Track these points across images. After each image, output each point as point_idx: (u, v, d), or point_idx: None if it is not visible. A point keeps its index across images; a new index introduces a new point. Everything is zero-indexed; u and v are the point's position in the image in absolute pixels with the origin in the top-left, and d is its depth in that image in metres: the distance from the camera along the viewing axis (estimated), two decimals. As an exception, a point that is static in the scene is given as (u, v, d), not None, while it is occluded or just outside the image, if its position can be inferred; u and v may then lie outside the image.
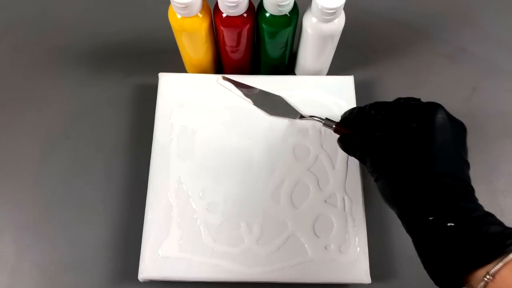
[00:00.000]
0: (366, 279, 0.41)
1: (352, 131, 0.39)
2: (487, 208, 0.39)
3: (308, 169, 0.45)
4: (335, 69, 0.52)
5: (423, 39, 0.56)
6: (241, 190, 0.44)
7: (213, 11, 0.43)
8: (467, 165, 0.33)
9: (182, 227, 0.43)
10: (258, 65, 0.52)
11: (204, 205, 0.44)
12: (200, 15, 0.42)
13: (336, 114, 0.47)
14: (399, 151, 0.32)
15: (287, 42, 0.46)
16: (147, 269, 0.41)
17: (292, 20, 0.42)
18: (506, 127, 0.51)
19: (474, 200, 0.31)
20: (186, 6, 0.39)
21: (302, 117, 0.45)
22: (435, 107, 0.33)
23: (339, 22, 0.42)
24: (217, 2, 0.41)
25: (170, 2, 0.41)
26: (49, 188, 0.48)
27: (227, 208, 0.43)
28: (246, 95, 0.47)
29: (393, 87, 0.53)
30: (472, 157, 0.49)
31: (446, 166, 0.31)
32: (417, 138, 0.32)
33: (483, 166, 0.49)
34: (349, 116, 0.38)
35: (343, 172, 0.45)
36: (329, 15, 0.40)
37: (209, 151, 0.46)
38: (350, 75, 0.49)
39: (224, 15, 0.41)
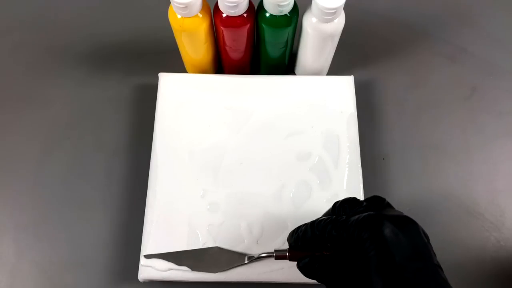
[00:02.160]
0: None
1: (307, 252, 0.35)
2: (487, 208, 0.39)
3: (309, 169, 0.45)
4: (335, 69, 0.52)
5: (423, 39, 0.56)
6: (242, 190, 0.44)
7: (213, 11, 0.43)
8: (439, 270, 0.30)
9: (182, 227, 0.43)
10: (258, 65, 0.52)
11: (205, 205, 0.44)
12: (200, 15, 0.42)
13: (336, 114, 0.47)
14: (367, 280, 0.30)
15: (287, 42, 0.46)
16: (147, 269, 0.41)
17: (292, 20, 0.42)
18: (506, 127, 0.51)
19: None
20: (186, 6, 0.39)
21: (250, 258, 0.41)
22: (378, 221, 0.30)
23: (339, 22, 0.42)
24: (217, 2, 0.41)
25: (170, 2, 0.41)
26: (49, 188, 0.48)
27: (228, 208, 0.43)
28: (179, 263, 0.41)
29: (393, 87, 0.53)
30: (472, 157, 0.50)
31: (419, 286, 0.28)
32: (378, 263, 0.29)
33: (483, 166, 0.49)
34: (295, 241, 0.35)
35: (344, 172, 0.45)
36: (329, 15, 0.40)
37: (209, 151, 0.46)
38: (350, 75, 0.49)
39: (224, 15, 0.41)
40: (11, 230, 0.46)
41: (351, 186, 0.44)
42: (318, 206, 0.43)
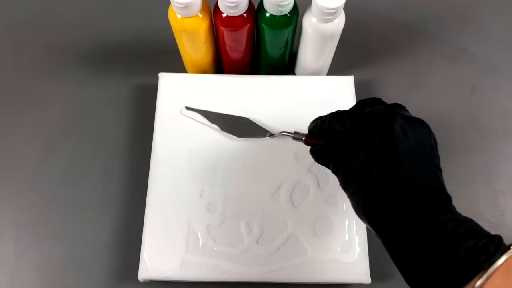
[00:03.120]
0: (366, 279, 0.41)
1: (323, 141, 0.37)
2: (487, 208, 0.39)
3: (308, 169, 0.45)
4: (335, 69, 0.52)
5: (423, 39, 0.56)
6: (241, 190, 0.44)
7: (213, 11, 0.43)
8: (438, 170, 0.31)
9: (182, 227, 0.43)
10: (258, 65, 0.52)
11: (204, 205, 0.44)
12: (200, 15, 0.42)
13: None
14: (365, 166, 0.31)
15: (287, 42, 0.46)
16: (147, 269, 0.41)
17: (292, 20, 0.42)
18: (506, 127, 0.51)
19: (447, 210, 0.29)
20: (186, 6, 0.39)
21: (271, 135, 0.45)
22: (391, 116, 0.31)
23: (339, 22, 0.42)
24: (217, 2, 0.41)
25: (170, 2, 0.41)
26: (49, 188, 0.48)
27: (227, 208, 0.43)
28: (212, 121, 0.46)
29: (393, 87, 0.53)
30: (472, 157, 0.50)
31: (413, 179, 0.30)
32: (379, 152, 0.31)
33: (483, 166, 0.49)
34: (313, 128, 0.37)
35: (343, 172, 0.45)
36: (329, 15, 0.40)
37: (209, 151, 0.46)
38: (350, 75, 0.49)
39: (224, 15, 0.41)
40: (11, 230, 0.46)
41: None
42: (317, 206, 0.44)
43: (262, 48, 0.47)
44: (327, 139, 0.37)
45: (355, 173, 0.32)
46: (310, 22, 0.42)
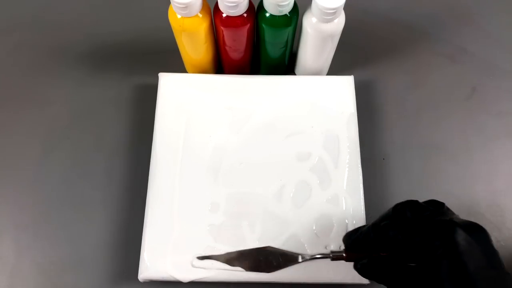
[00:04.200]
0: (366, 279, 0.41)
1: (365, 253, 0.35)
2: (487, 208, 0.39)
3: (309, 169, 0.45)
4: (335, 69, 0.52)
5: (423, 39, 0.56)
6: (242, 190, 0.44)
7: (213, 11, 0.43)
8: (508, 277, 0.30)
9: (183, 227, 0.43)
10: (258, 65, 0.52)
11: (205, 205, 0.43)
12: (200, 15, 0.42)
13: (336, 114, 0.47)
14: (437, 286, 0.29)
15: (287, 42, 0.46)
16: (147, 269, 0.41)
17: (292, 20, 0.42)
18: (506, 127, 0.51)
19: None
20: (186, 6, 0.39)
21: (304, 259, 0.38)
22: (451, 229, 0.29)
23: (339, 22, 0.42)
24: (217, 2, 0.41)
25: (170, 2, 0.41)
26: (49, 188, 0.48)
27: (228, 208, 0.43)
28: (233, 264, 0.40)
29: (393, 87, 0.53)
30: (472, 157, 0.50)
31: None
32: (451, 271, 0.29)
33: (483, 166, 0.49)
34: (354, 243, 0.35)
35: (344, 172, 0.45)
36: (329, 15, 0.40)
37: (209, 151, 0.46)
38: (350, 75, 0.49)
39: (224, 15, 0.41)
40: (11, 230, 0.46)
41: (351, 186, 0.44)
42: (318, 206, 0.44)
43: (262, 48, 0.47)
44: (370, 251, 0.34)
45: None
46: (310, 22, 0.42)
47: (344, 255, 0.35)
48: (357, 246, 0.34)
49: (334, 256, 0.36)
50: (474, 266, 0.28)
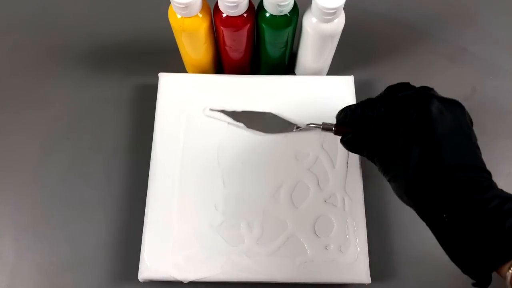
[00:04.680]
0: (366, 279, 0.41)
1: (352, 129, 0.38)
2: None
3: (308, 169, 0.45)
4: (335, 69, 0.52)
5: (423, 39, 0.56)
6: (242, 190, 0.44)
7: (213, 11, 0.43)
8: (476, 149, 0.32)
9: (182, 227, 0.43)
10: (258, 65, 0.52)
11: (205, 204, 0.43)
12: (200, 15, 0.42)
13: (335, 114, 0.47)
14: (405, 149, 0.32)
15: (287, 42, 0.46)
16: (147, 269, 0.41)
17: (292, 20, 0.42)
18: (506, 127, 0.51)
19: (490, 186, 0.30)
20: (186, 6, 0.39)
21: (298, 127, 0.45)
22: (426, 98, 0.32)
23: (339, 22, 0.42)
24: (217, 2, 0.41)
25: (170, 2, 0.41)
26: (49, 188, 0.48)
27: (228, 208, 0.43)
28: (237, 119, 0.46)
29: (393, 87, 0.53)
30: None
31: (454, 158, 0.30)
32: (418, 133, 0.31)
33: (483, 166, 0.49)
34: (343, 117, 0.38)
35: (343, 172, 0.45)
36: (329, 15, 0.40)
37: (209, 151, 0.46)
38: (350, 75, 0.49)
39: (224, 15, 0.41)
40: (11, 230, 0.46)
41: (351, 186, 0.44)
42: (317, 206, 0.44)
43: (262, 48, 0.47)
44: (357, 127, 0.37)
45: (394, 157, 0.32)
46: (310, 22, 0.42)
47: (333, 128, 0.40)
48: (346, 120, 0.37)
49: (325, 127, 0.40)
50: (442, 130, 0.31)
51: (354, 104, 0.37)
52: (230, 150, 0.46)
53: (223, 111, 0.47)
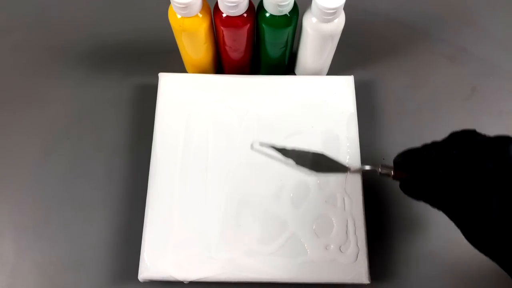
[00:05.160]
0: (366, 279, 0.41)
1: (410, 173, 0.35)
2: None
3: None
4: (335, 69, 0.52)
5: (423, 39, 0.56)
6: (242, 190, 0.44)
7: (213, 11, 0.43)
8: None
9: (182, 227, 0.43)
10: (258, 65, 0.52)
11: (205, 204, 0.43)
12: (200, 15, 0.42)
13: (336, 114, 0.47)
14: (485, 197, 0.28)
15: (287, 42, 0.46)
16: (147, 269, 0.41)
17: (292, 20, 0.42)
18: (506, 127, 0.51)
19: None
20: (186, 6, 0.39)
21: (353, 169, 0.43)
22: (506, 142, 0.29)
23: (339, 22, 0.42)
24: (217, 2, 0.41)
25: (170, 2, 0.41)
26: (49, 188, 0.48)
27: (228, 208, 0.43)
28: (286, 156, 0.44)
29: (393, 87, 0.53)
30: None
31: None
32: (499, 181, 0.28)
33: (483, 166, 0.49)
34: (404, 160, 0.35)
35: (344, 172, 0.45)
36: (329, 15, 0.40)
37: (209, 151, 0.46)
38: (350, 75, 0.49)
39: (224, 15, 0.41)
40: (11, 230, 0.46)
41: (350, 186, 0.44)
42: (317, 206, 0.44)
43: (262, 48, 0.47)
44: (420, 171, 0.33)
45: (469, 204, 0.29)
46: (310, 22, 0.42)
47: (392, 172, 0.37)
48: (408, 163, 0.34)
49: (383, 171, 0.38)
50: None
51: (416, 147, 0.34)
52: (231, 150, 0.46)
53: (272, 147, 0.45)
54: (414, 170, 0.34)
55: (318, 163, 0.44)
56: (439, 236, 0.46)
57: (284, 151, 0.45)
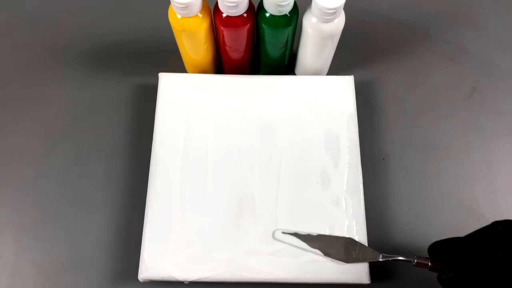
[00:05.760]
0: (366, 279, 0.41)
1: (447, 265, 0.34)
2: (487, 208, 0.38)
3: (309, 170, 0.45)
4: (335, 69, 0.52)
5: (423, 39, 0.56)
6: (242, 190, 0.44)
7: (213, 11, 0.43)
8: None
9: (182, 226, 0.43)
10: (258, 65, 0.52)
11: (205, 204, 0.43)
12: (200, 15, 0.42)
13: (336, 114, 0.47)
14: None
15: (287, 42, 0.46)
16: (147, 269, 0.41)
17: (292, 20, 0.42)
18: (506, 127, 0.51)
19: None
20: (186, 6, 0.39)
21: (386, 258, 0.40)
22: None
23: (339, 22, 0.42)
24: (217, 2, 0.41)
25: (170, 2, 0.41)
26: (49, 188, 0.48)
27: (228, 208, 0.43)
28: (312, 245, 0.41)
29: (393, 87, 0.53)
30: (472, 157, 0.50)
31: None
32: None
33: (483, 166, 0.49)
34: (442, 251, 0.34)
35: (344, 172, 0.45)
36: (329, 15, 0.40)
37: (209, 151, 0.46)
38: (350, 75, 0.49)
39: (224, 15, 0.41)
40: (11, 230, 0.46)
41: (351, 186, 0.44)
42: (318, 206, 0.44)
43: (262, 48, 0.47)
44: (459, 265, 0.33)
45: None
46: (310, 22, 0.42)
47: (429, 264, 0.36)
48: (446, 257, 0.33)
49: (419, 262, 0.36)
50: None
51: (456, 238, 0.33)
52: (231, 150, 0.46)
53: (296, 234, 0.42)
54: (453, 264, 0.33)
55: (348, 250, 0.41)
56: (438, 236, 0.46)
57: (309, 239, 0.42)
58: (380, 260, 0.40)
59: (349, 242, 0.42)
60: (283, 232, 0.42)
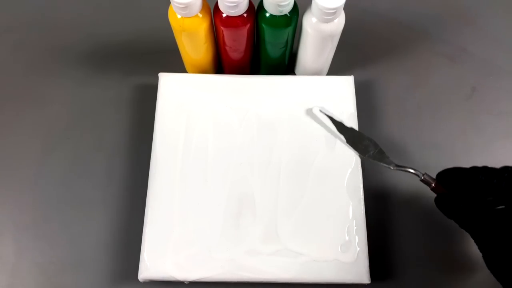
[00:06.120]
0: (366, 279, 0.41)
1: (448, 190, 0.36)
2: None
3: (309, 169, 0.45)
4: (335, 69, 0.52)
5: (423, 39, 0.56)
6: (242, 190, 0.44)
7: (213, 11, 0.43)
8: None
9: (182, 226, 0.43)
10: (258, 65, 0.52)
11: (205, 204, 0.43)
12: (200, 15, 0.42)
13: (336, 114, 0.47)
14: None
15: (287, 42, 0.46)
16: (147, 269, 0.41)
17: (292, 20, 0.42)
18: (506, 127, 0.51)
19: None
20: (186, 6, 0.39)
21: (397, 167, 0.43)
22: None
23: (339, 22, 0.42)
24: (217, 2, 0.41)
25: (170, 2, 0.41)
26: (49, 188, 0.48)
27: (228, 207, 0.43)
28: (340, 130, 0.46)
29: (393, 87, 0.53)
30: (472, 157, 0.50)
31: None
32: None
33: (483, 166, 0.49)
34: (449, 176, 0.35)
35: (344, 172, 0.45)
36: (329, 15, 0.40)
37: (209, 151, 0.46)
38: (350, 75, 0.49)
39: (224, 15, 0.41)
40: (11, 230, 0.46)
41: (351, 186, 0.44)
42: (318, 206, 0.44)
43: (262, 48, 0.47)
44: (456, 190, 0.34)
45: (504, 235, 0.29)
46: (310, 22, 0.42)
47: (433, 184, 0.38)
48: (455, 181, 0.35)
49: (425, 179, 0.39)
50: None
51: (464, 167, 0.34)
52: (231, 150, 0.46)
53: (331, 118, 0.46)
54: (456, 188, 0.34)
55: (367, 149, 0.45)
56: (438, 236, 0.46)
57: (340, 126, 0.46)
58: (392, 168, 0.43)
59: (373, 144, 0.45)
60: (320, 110, 0.46)
